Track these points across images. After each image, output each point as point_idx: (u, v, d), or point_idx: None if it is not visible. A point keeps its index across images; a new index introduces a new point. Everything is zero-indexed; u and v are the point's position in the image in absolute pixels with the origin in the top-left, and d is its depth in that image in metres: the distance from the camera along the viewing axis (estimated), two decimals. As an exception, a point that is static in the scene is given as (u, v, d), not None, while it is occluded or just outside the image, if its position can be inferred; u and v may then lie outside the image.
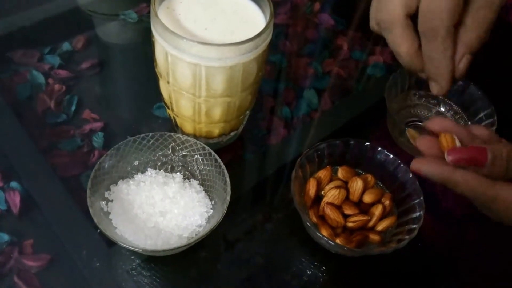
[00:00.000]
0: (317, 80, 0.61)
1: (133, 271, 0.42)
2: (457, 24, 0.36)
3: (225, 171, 0.43)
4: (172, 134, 0.45)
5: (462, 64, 0.37)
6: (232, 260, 0.44)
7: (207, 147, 0.44)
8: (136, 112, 0.56)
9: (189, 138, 0.45)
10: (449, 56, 0.36)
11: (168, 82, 0.44)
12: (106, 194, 0.43)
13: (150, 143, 0.45)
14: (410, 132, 0.40)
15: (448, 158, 0.33)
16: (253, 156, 0.53)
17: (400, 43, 0.37)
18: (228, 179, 0.42)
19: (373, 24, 0.40)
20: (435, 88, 0.39)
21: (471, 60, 0.37)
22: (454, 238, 0.49)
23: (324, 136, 0.55)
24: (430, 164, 0.33)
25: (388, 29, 0.38)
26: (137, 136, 0.44)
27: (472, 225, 0.50)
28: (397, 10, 0.36)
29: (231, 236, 0.46)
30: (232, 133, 0.51)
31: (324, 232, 0.43)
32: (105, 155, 0.43)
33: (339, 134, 0.54)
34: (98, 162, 0.42)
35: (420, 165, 0.34)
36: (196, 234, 0.42)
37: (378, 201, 0.45)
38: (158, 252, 0.41)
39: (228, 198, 0.41)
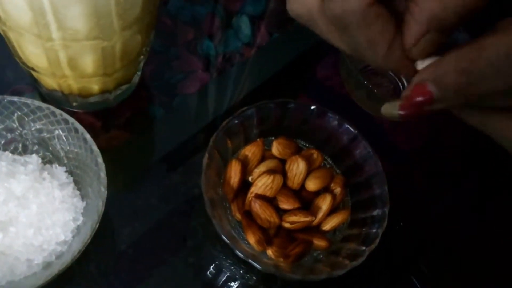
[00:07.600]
0: (252, 2, 0.48)
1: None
2: None
3: (99, 160, 0.28)
4: (15, 99, 0.29)
5: (417, 48, 0.19)
6: (124, 271, 0.31)
7: (71, 120, 0.29)
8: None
9: (42, 105, 0.29)
10: (384, 45, 0.19)
11: (-4, 16, 0.27)
12: None
13: (-21, 113, 0.29)
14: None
15: (401, 115, 0.19)
16: (162, 112, 0.39)
17: (332, 40, 0.21)
18: (102, 173, 0.27)
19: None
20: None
21: (440, 40, 0.20)
22: (402, 174, 0.40)
23: (258, 85, 0.42)
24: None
25: (309, 25, 0.21)
26: (-48, 104, 0.28)
27: (421, 160, 0.42)
28: None
29: (120, 241, 0.32)
30: (123, 87, 0.36)
31: (251, 239, 0.30)
32: None
33: (276, 81, 0.42)
34: None
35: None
36: (56, 257, 0.28)
37: (325, 189, 0.33)
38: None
39: (101, 204, 0.27)
